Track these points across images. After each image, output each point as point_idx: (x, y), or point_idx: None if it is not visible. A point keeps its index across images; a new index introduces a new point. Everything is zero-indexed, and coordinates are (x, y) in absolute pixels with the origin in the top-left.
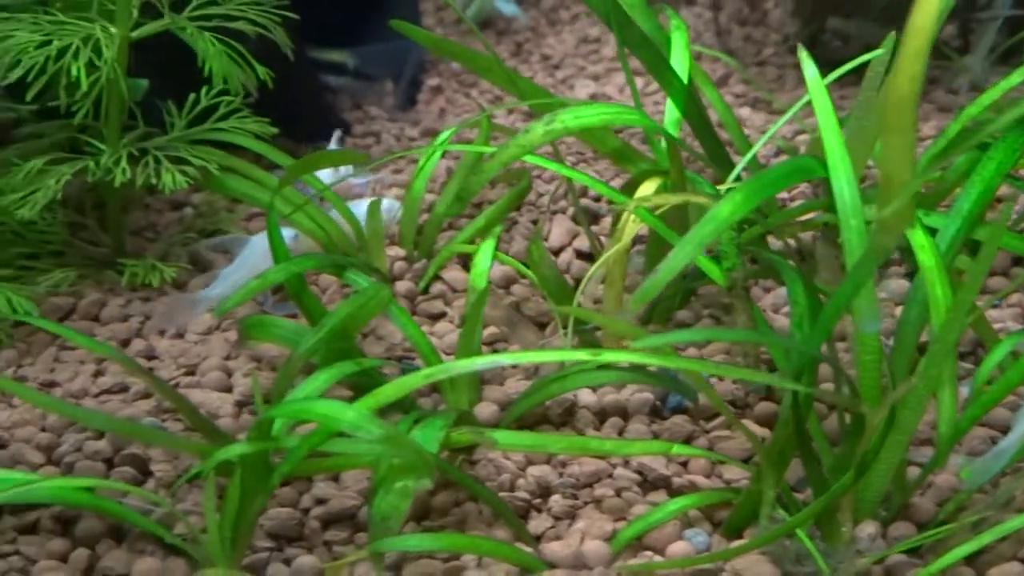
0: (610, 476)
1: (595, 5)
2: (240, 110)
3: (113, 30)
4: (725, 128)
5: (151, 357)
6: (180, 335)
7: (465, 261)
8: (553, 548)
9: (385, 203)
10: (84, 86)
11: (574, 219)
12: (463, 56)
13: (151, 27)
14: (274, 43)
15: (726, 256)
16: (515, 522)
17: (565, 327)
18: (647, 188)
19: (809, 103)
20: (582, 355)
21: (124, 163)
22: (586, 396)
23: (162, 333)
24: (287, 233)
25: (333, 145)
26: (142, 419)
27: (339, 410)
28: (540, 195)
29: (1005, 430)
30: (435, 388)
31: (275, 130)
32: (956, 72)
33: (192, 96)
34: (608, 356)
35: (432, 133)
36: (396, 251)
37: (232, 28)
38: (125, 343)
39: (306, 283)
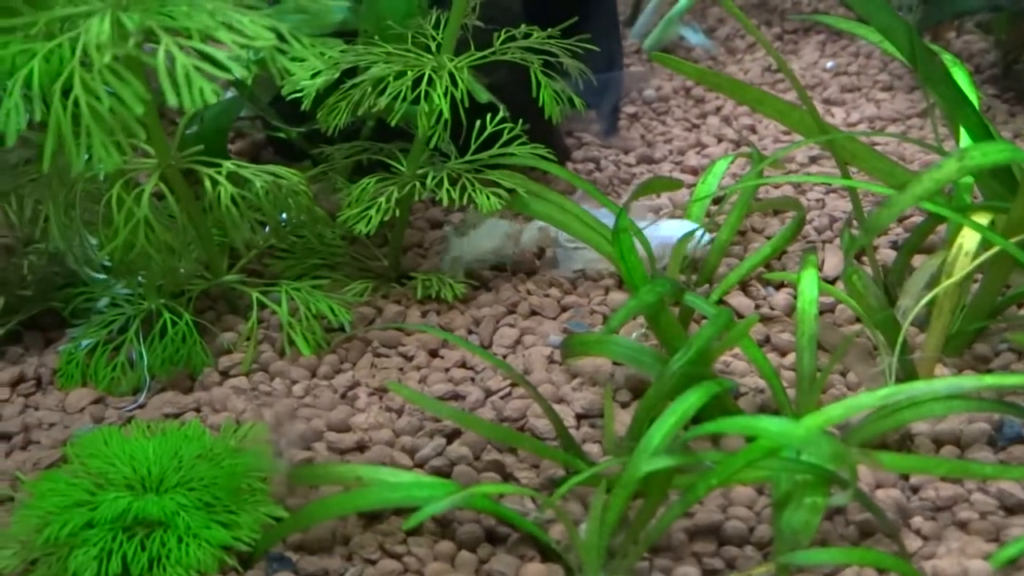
0: (966, 500)
1: (899, 46)
2: (520, 136)
3: (445, 60)
4: None
5: (468, 367)
6: (486, 346)
7: (744, 287)
8: (938, 565)
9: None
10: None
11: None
12: (728, 87)
13: (477, 57)
14: (522, 73)
15: None
16: (898, 539)
17: (890, 354)
18: (981, 219)
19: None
20: None
21: (446, 184)
22: (917, 424)
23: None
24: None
25: None
26: None
27: (789, 427)
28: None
29: None
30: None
31: (553, 156)
32: None
33: (479, 123)
34: None
35: (646, 159)
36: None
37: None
38: (433, 353)
39: (665, 305)
